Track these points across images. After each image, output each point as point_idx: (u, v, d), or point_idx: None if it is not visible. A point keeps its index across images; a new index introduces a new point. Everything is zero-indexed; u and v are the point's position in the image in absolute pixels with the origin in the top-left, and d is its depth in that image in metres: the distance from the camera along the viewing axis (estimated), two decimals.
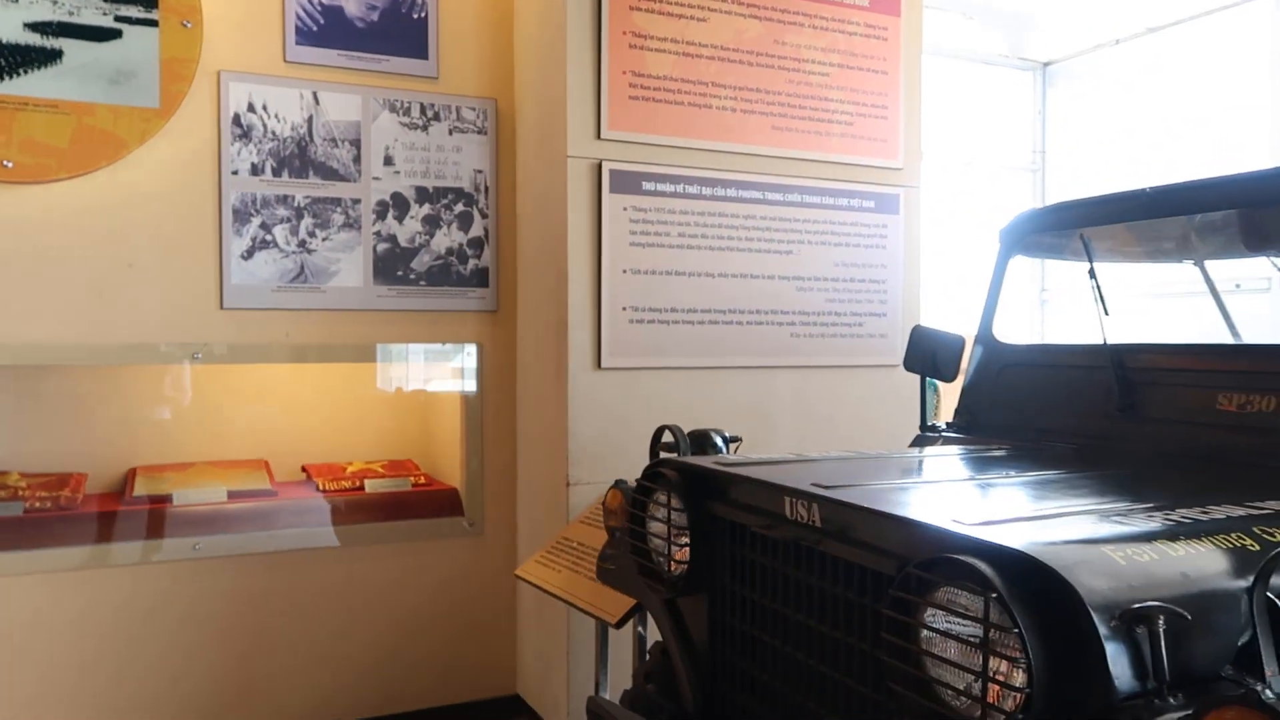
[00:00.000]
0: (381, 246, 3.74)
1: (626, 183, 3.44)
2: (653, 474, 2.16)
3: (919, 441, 2.91)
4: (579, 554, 3.18)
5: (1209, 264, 3.06)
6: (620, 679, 3.15)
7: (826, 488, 1.76)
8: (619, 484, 2.50)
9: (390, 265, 3.76)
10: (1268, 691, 1.09)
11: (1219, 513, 1.60)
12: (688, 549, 2.04)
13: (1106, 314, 2.65)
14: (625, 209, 3.45)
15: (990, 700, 1.31)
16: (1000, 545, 1.34)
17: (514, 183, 3.95)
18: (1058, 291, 5.29)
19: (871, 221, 3.87)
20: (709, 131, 3.53)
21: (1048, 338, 5.43)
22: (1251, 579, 1.22)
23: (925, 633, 1.41)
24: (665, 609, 2.19)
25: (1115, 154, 5.29)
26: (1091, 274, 2.69)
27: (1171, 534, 1.47)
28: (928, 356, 2.99)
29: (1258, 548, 1.48)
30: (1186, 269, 3.22)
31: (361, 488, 4.03)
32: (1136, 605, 1.25)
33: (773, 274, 3.70)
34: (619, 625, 2.75)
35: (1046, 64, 5.68)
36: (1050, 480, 1.93)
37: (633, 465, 3.44)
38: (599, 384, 3.49)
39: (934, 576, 1.39)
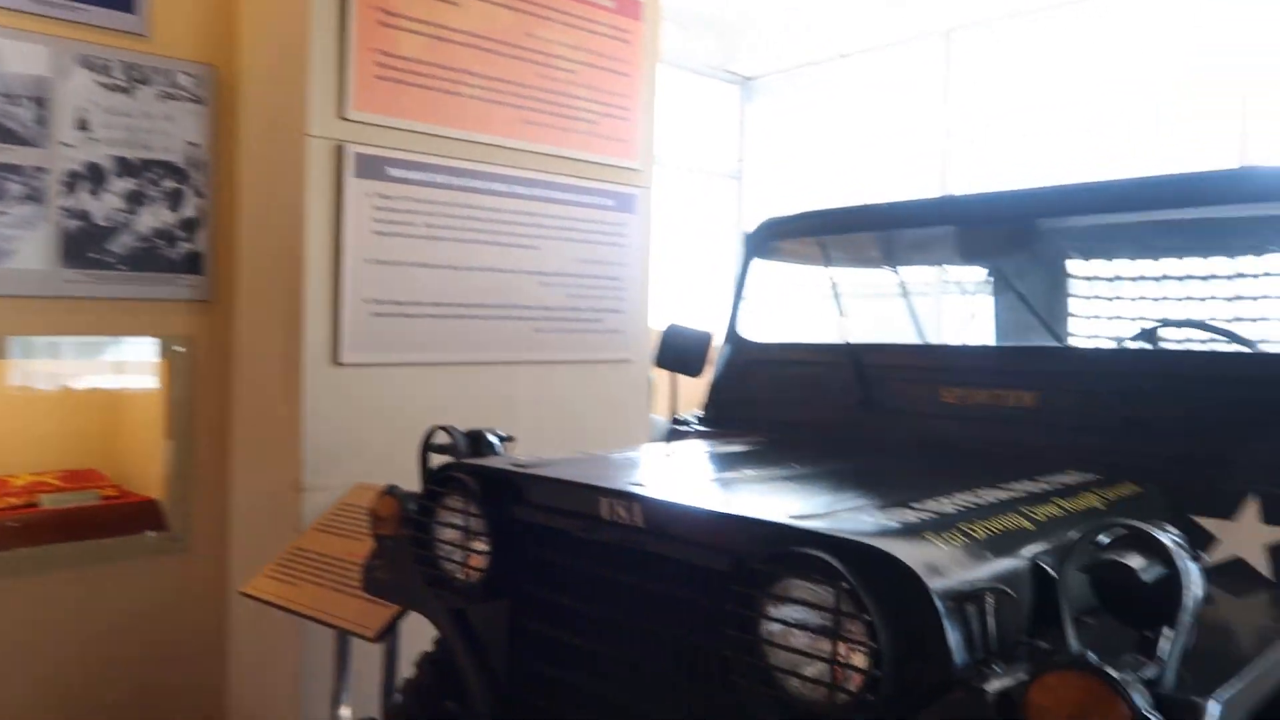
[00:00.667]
0: (72, 224, 3.25)
1: (372, 168, 3.25)
2: (443, 477, 2.06)
3: (673, 435, 3.02)
4: (319, 565, 2.96)
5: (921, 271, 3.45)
6: (360, 696, 2.97)
7: (642, 487, 1.77)
8: (392, 489, 2.35)
9: (82, 246, 3.28)
10: (1091, 655, 1.24)
11: (988, 497, 1.80)
12: (485, 555, 1.96)
13: (843, 315, 2.90)
14: (369, 195, 3.25)
15: (836, 683, 1.38)
16: (847, 538, 1.41)
17: (235, 160, 3.59)
18: (755, 291, 5.67)
19: (611, 220, 3.94)
20: (459, 120, 3.42)
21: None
22: (1057, 558, 1.38)
23: (770, 624, 1.46)
24: (452, 619, 2.10)
25: (806, 167, 5.78)
26: (831, 279, 2.93)
27: (967, 518, 1.63)
28: (678, 353, 3.11)
29: (1033, 527, 1.68)
30: (886, 274, 3.58)
31: (36, 504, 3.50)
32: (969, 586, 1.37)
33: (517, 268, 3.66)
34: (379, 639, 2.60)
35: (749, 78, 6.09)
36: (833, 472, 2.07)
37: (374, 467, 3.27)
38: (337, 381, 3.27)
39: (781, 569, 1.44)
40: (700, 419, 3.08)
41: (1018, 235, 3.09)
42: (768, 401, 2.94)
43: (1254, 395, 2.08)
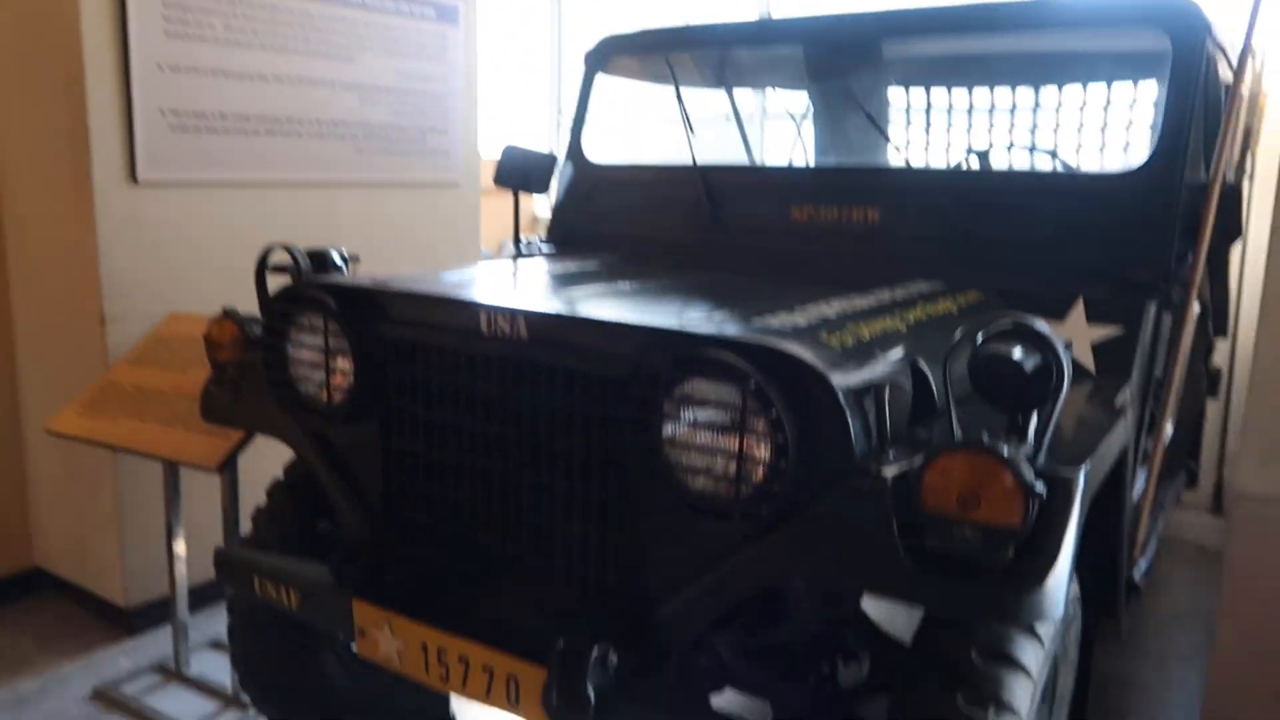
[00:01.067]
0: None
1: None
2: (295, 296, 1.91)
3: (519, 256, 2.94)
4: (138, 399, 2.74)
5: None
6: (191, 530, 2.82)
7: (522, 301, 1.71)
8: (230, 313, 2.16)
9: None
10: (983, 436, 1.33)
11: (861, 303, 1.87)
12: (349, 375, 1.86)
13: (693, 133, 2.86)
14: None
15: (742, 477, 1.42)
16: (752, 341, 1.43)
17: None
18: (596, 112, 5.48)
19: (432, 32, 3.67)
20: None
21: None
22: (943, 353, 1.44)
23: (675, 426, 1.47)
24: (313, 442, 2.00)
25: None
26: (678, 97, 2.87)
27: (851, 321, 1.69)
28: (519, 173, 2.99)
29: (905, 328, 1.76)
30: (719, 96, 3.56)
31: None
32: (864, 381, 1.43)
33: (333, 81, 3.36)
34: (221, 470, 2.45)
35: None
36: (704, 285, 2.08)
37: (186, 294, 3.03)
38: (136, 202, 2.94)
39: (686, 373, 1.45)
40: (545, 240, 3.01)
41: (848, 58, 3.11)
42: (615, 222, 2.90)
43: (1073, 210, 2.24)
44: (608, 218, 2.91)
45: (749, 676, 1.70)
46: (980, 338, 1.43)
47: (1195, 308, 2.38)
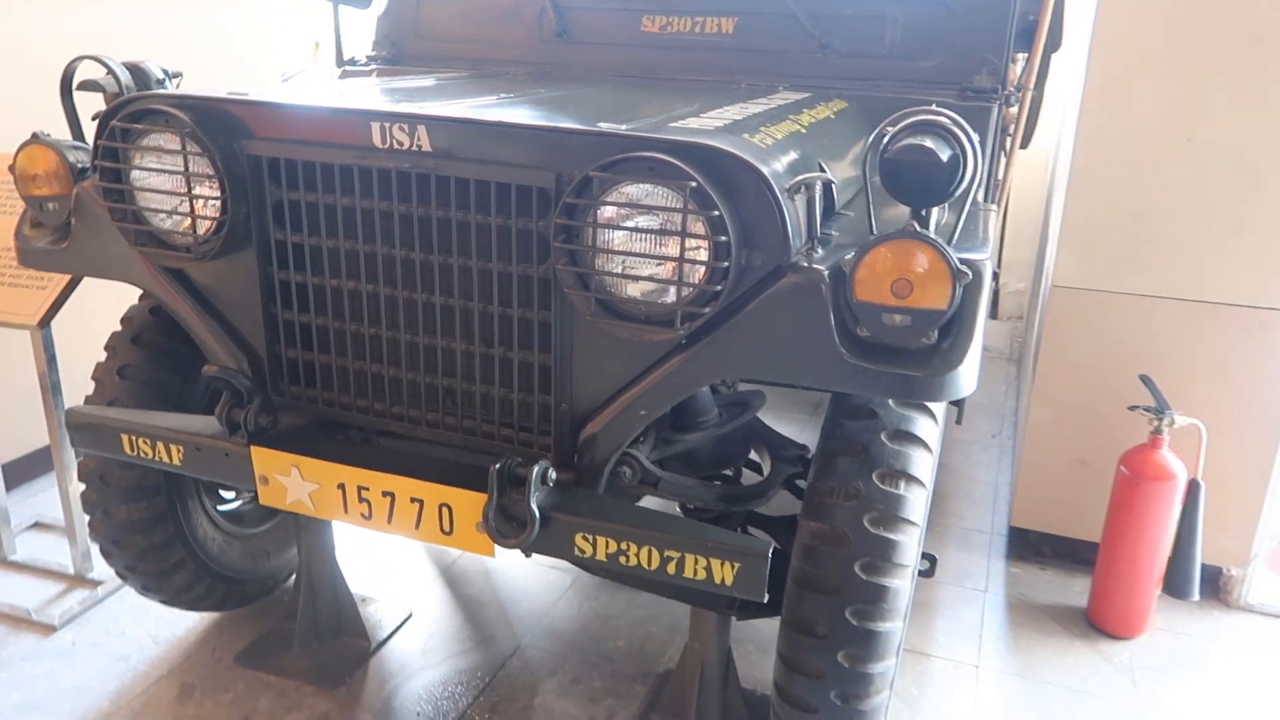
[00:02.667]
0: None
1: None
2: (137, 113, 1.67)
3: (348, 75, 2.70)
4: None
5: None
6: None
7: (423, 108, 1.58)
8: (42, 137, 1.87)
9: None
10: (916, 226, 1.38)
11: (756, 108, 1.86)
12: (215, 204, 1.67)
13: None
14: None
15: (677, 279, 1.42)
16: (688, 141, 1.39)
17: None
18: None
19: None
20: None
21: None
22: (867, 149, 1.46)
23: (608, 231, 1.44)
24: (173, 280, 1.81)
25: None
26: None
27: (760, 122, 1.68)
28: None
29: (805, 130, 1.78)
30: None
31: None
32: (801, 177, 1.44)
33: None
34: (44, 324, 2.18)
35: None
36: (583, 96, 2.00)
37: None
38: None
39: (620, 177, 1.40)
40: (370, 57, 2.77)
41: None
42: (448, 38, 2.71)
43: (919, 20, 2.31)
44: (439, 30, 2.71)
45: (667, 483, 1.75)
46: (890, 135, 1.46)
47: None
